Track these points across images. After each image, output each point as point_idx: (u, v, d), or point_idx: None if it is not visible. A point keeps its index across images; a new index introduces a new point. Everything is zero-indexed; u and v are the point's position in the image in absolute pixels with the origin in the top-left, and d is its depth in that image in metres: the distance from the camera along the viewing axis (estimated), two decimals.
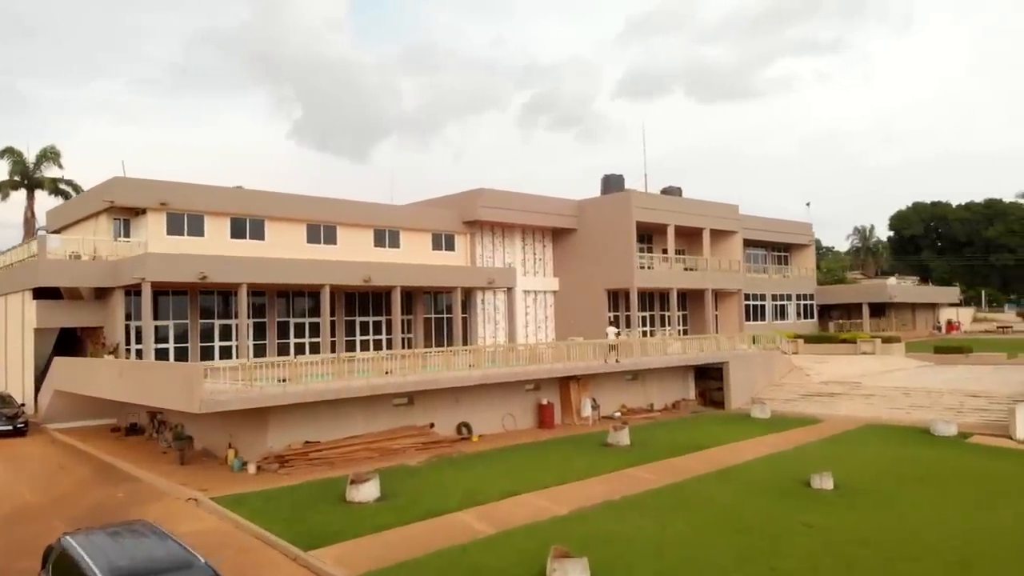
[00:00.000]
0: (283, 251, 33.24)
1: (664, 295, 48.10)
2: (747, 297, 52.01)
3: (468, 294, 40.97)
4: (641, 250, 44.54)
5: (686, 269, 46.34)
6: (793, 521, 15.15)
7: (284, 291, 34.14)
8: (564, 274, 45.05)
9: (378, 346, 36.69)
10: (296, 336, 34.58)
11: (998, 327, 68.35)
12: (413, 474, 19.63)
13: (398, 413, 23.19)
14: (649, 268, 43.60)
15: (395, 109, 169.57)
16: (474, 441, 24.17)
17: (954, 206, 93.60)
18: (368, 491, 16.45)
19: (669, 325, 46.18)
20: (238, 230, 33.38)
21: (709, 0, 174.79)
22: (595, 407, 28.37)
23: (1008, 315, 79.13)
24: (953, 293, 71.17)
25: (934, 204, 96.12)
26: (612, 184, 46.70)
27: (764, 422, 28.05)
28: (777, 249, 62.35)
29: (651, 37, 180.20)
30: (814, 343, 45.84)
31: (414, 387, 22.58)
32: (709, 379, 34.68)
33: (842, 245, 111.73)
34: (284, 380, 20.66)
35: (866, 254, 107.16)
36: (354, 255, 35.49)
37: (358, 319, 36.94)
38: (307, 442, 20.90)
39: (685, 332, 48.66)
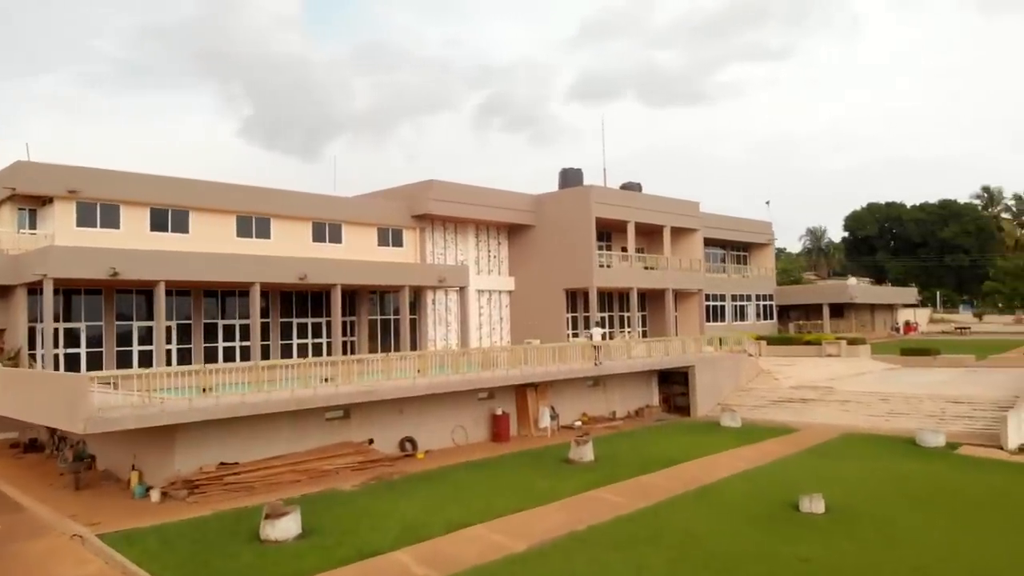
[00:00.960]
0: (210, 245, 30.12)
1: (624, 295, 46.02)
2: (707, 298, 50.26)
3: (418, 294, 38.29)
4: (600, 248, 42.35)
5: (646, 268, 44.32)
6: (786, 555, 12.89)
7: (212, 290, 31.00)
8: (520, 273, 42.61)
9: (317, 351, 33.78)
10: (225, 340, 31.44)
11: (956, 328, 68.05)
12: (345, 501, 16.90)
13: (332, 428, 20.40)
14: (608, 267, 41.42)
15: (347, 108, 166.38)
16: (419, 458, 21.49)
17: (908, 207, 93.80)
18: (286, 527, 13.71)
19: (629, 327, 44.08)
20: (159, 222, 30.13)
21: (660, 5, 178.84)
22: (554, 416, 25.95)
23: (964, 316, 79.21)
24: (911, 294, 70.74)
25: (888, 205, 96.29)
26: (570, 179, 44.42)
27: (736, 431, 25.95)
28: (736, 248, 60.92)
29: (604, 41, 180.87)
30: (777, 345, 44.25)
31: (349, 399, 19.78)
32: (673, 384, 32.59)
33: (794, 247, 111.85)
34: (204, 391, 17.77)
35: (818, 255, 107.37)
36: (290, 250, 32.51)
37: (295, 321, 33.94)
38: (223, 464, 18.01)
39: (644, 334, 46.65)
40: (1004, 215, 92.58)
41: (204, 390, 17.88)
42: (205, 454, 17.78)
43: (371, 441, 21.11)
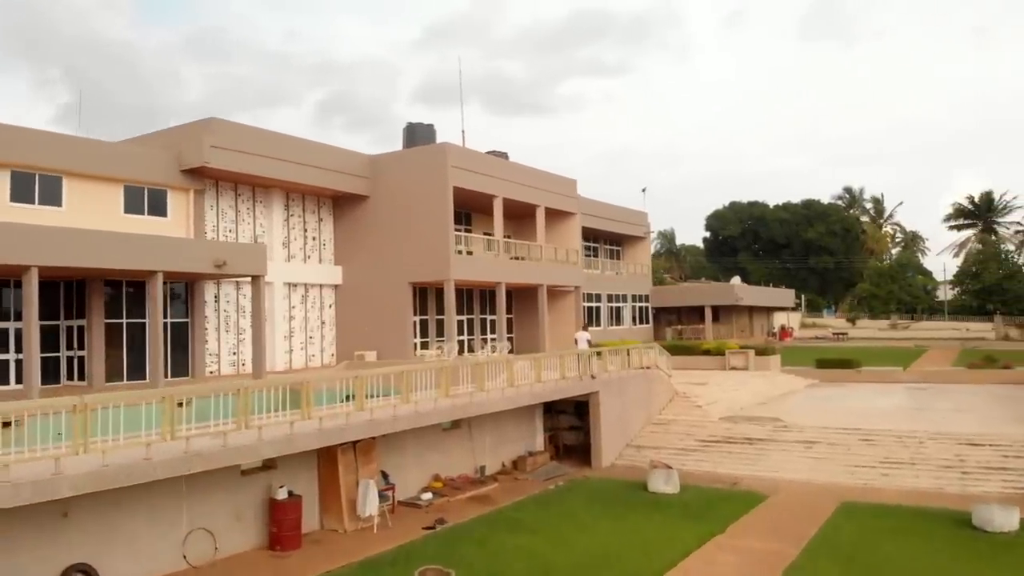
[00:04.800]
0: None
1: (487, 293, 35.88)
2: (583, 297, 41.13)
3: (191, 287, 26.29)
4: (458, 231, 31.96)
5: (515, 258, 34.39)
6: None
7: None
8: (351, 261, 31.40)
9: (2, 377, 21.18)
10: None
11: (834, 334, 63.36)
12: None
13: None
14: (470, 254, 31.07)
15: (178, 99, 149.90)
16: None
17: (771, 206, 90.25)
18: None
19: (495, 334, 33.99)
20: None
21: (503, 17, 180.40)
22: (387, 488, 15.24)
23: (837, 320, 75.60)
24: (789, 297, 65.52)
25: (751, 204, 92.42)
26: (419, 135, 33.73)
27: (676, 503, 16.31)
28: (610, 241, 52.52)
29: (448, 46, 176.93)
30: (673, 355, 35.72)
31: None
32: (559, 414, 22.82)
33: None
34: None
35: (670, 257, 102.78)
36: None
37: None
38: None
39: (511, 343, 36.77)
40: (863, 218, 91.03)
41: None
42: None
43: None
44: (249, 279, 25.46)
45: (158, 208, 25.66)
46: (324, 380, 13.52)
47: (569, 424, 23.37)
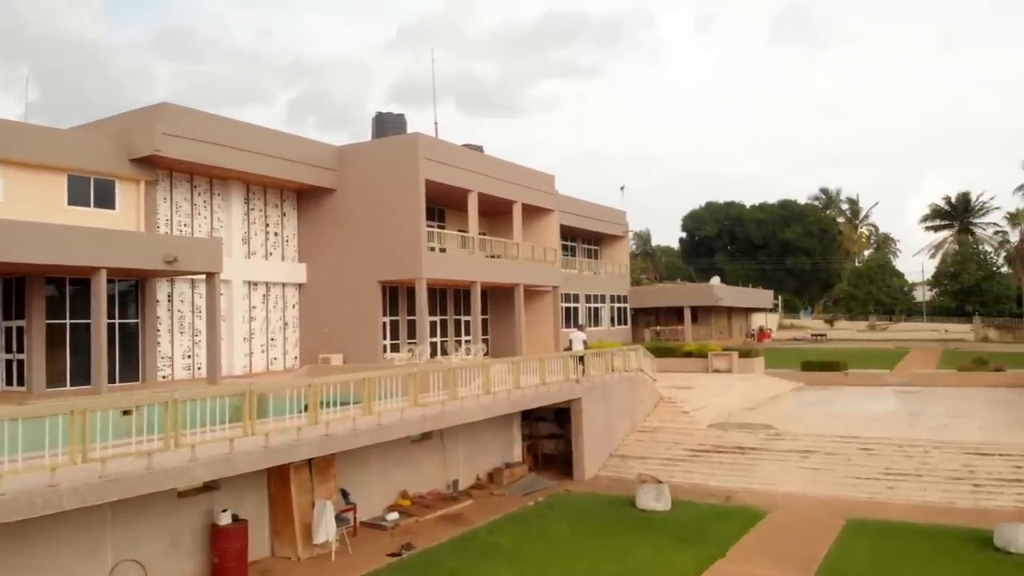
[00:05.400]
0: None
1: (462, 293, 34.33)
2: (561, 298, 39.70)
3: (143, 285, 24.44)
4: (431, 228, 30.33)
5: (491, 256, 32.85)
6: None
7: None
8: (316, 258, 29.66)
9: None
10: None
11: (812, 335, 62.46)
12: None
13: None
14: (443, 251, 29.47)
15: (148, 97, 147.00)
16: None
17: (748, 207, 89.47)
18: None
19: (470, 336, 32.43)
20: None
21: (477, 18, 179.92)
22: (347, 509, 13.61)
23: (815, 321, 74.91)
24: (768, 297, 64.62)
25: (728, 204, 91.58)
26: (389, 126, 32.05)
27: (670, 522, 14.84)
28: (587, 240, 51.19)
29: (422, 47, 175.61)
30: (656, 357, 34.39)
31: None
32: (538, 421, 21.31)
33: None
34: None
35: (646, 258, 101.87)
36: None
37: None
38: None
39: (487, 344, 35.27)
40: (839, 219, 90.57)
41: None
42: None
43: None
44: (204, 276, 23.63)
45: (105, 200, 23.75)
46: (272, 388, 11.82)
47: (549, 432, 21.86)
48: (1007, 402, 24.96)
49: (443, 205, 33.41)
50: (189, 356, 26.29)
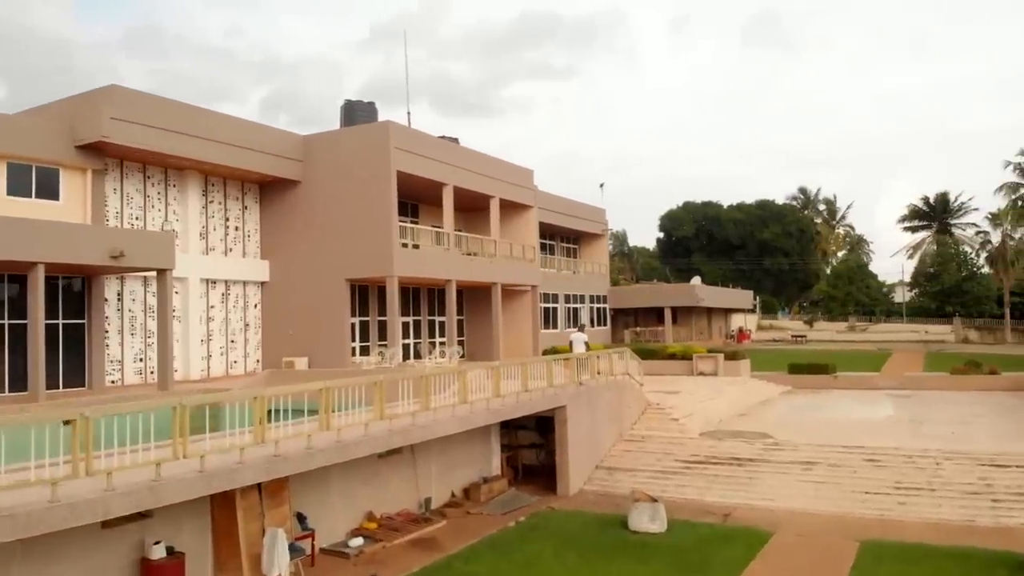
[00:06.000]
0: None
1: (436, 292, 32.69)
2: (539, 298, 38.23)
3: (90, 282, 22.54)
4: (403, 223, 28.65)
5: (467, 254, 31.25)
6: None
7: None
8: (279, 254, 27.87)
9: None
10: None
11: (792, 336, 61.58)
12: None
13: None
14: (416, 247, 27.81)
15: None
16: None
17: (725, 207, 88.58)
18: None
19: (444, 337, 30.80)
20: None
21: (451, 18, 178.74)
22: (304, 536, 11.95)
23: (794, 322, 74.15)
24: (748, 298, 63.64)
25: (705, 204, 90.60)
26: (359, 113, 30.34)
27: (667, 547, 13.31)
28: (566, 239, 49.79)
29: (395, 47, 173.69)
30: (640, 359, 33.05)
31: None
32: (518, 429, 19.76)
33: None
34: None
35: (623, 259, 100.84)
36: None
37: None
38: None
39: (462, 346, 33.72)
40: (817, 220, 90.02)
41: None
42: None
43: None
44: (155, 274, 21.77)
45: (48, 190, 21.84)
46: (210, 400, 10.10)
47: (530, 441, 20.31)
48: (1010, 407, 23.85)
49: (416, 200, 31.76)
50: (141, 359, 24.42)
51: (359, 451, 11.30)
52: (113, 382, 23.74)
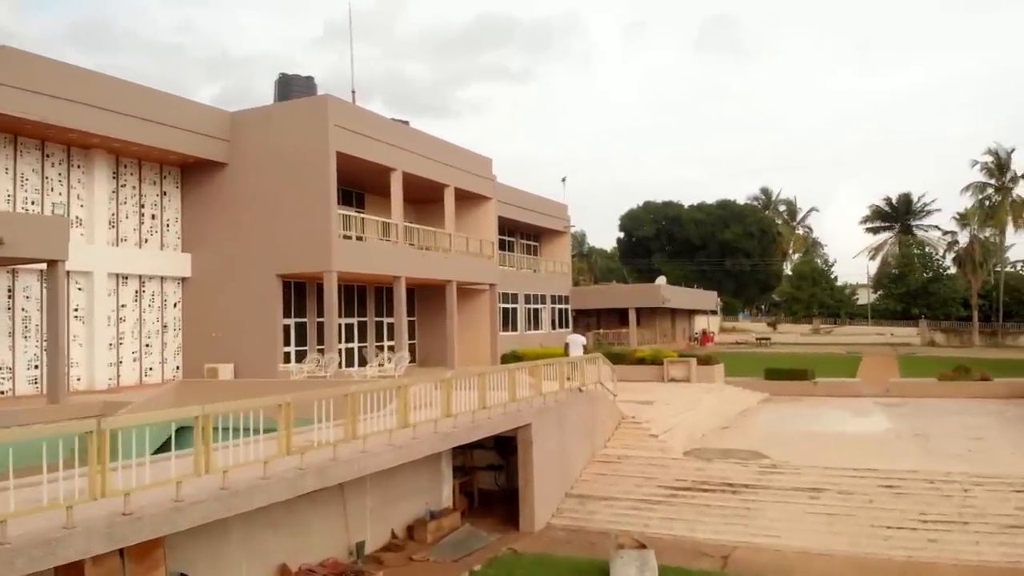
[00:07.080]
0: None
1: (384, 290, 29.66)
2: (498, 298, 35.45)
3: None
4: (346, 213, 25.55)
5: (419, 248, 28.28)
6: None
7: None
8: (203, 246, 24.56)
9: None
10: None
11: (757, 339, 59.90)
12: None
13: None
14: (360, 239, 24.77)
15: None
16: None
17: (686, 207, 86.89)
18: None
19: (393, 341, 27.77)
20: None
21: (406, 18, 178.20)
22: None
23: (757, 324, 72.59)
24: (712, 299, 61.73)
25: (666, 204, 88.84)
26: (295, 89, 27.14)
27: None
28: (526, 235, 47.11)
29: (349, 45, 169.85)
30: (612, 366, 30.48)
31: None
32: (474, 449, 16.91)
33: None
34: None
35: (582, 259, 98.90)
36: None
37: None
38: None
39: (413, 352, 30.78)
40: (777, 220, 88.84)
41: None
42: None
43: None
44: (44, 267, 18.40)
45: None
46: (32, 435, 7.00)
47: (487, 463, 17.56)
48: (1013, 418, 21.73)
49: (362, 188, 28.70)
50: (37, 366, 20.93)
51: (252, 501, 8.29)
52: (2, 392, 20.29)
